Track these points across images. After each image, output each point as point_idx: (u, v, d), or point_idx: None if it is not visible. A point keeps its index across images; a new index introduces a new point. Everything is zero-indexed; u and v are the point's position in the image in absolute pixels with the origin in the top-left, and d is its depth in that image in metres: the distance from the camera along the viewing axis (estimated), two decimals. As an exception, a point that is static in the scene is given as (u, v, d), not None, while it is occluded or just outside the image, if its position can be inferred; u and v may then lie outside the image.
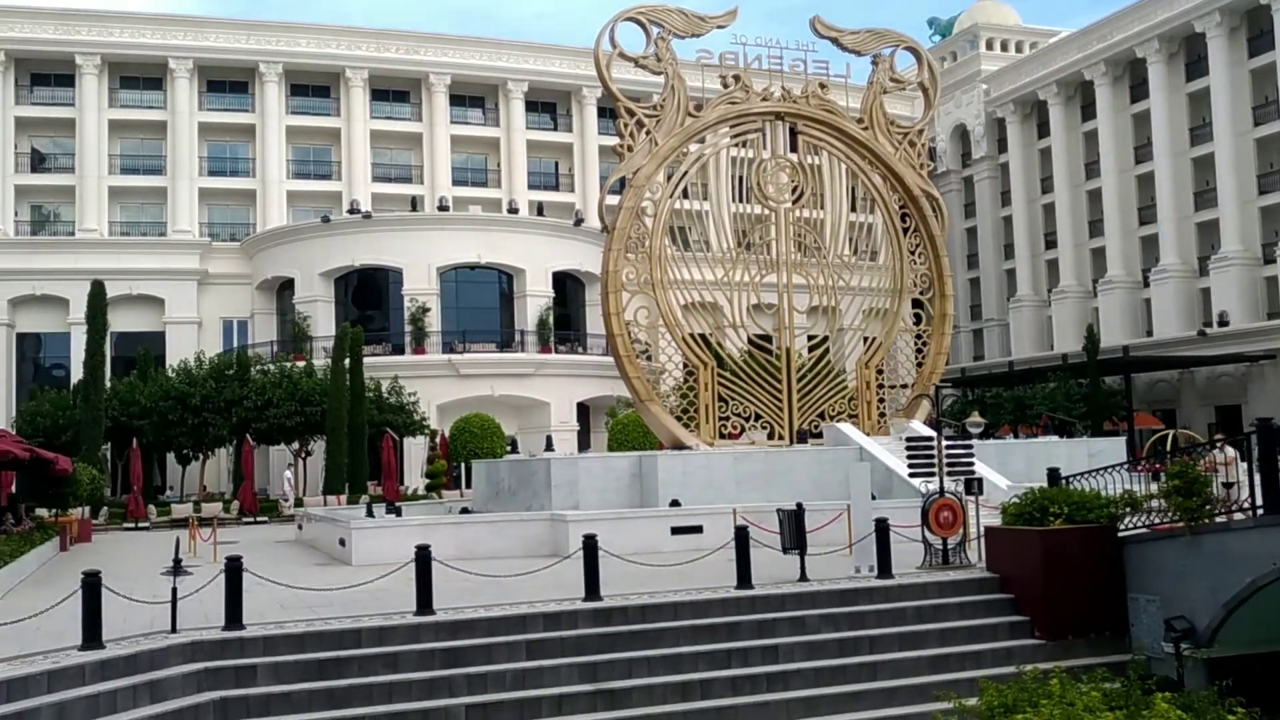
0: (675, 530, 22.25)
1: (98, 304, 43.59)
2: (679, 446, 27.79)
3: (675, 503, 24.20)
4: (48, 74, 61.09)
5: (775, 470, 25.99)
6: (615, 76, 29.14)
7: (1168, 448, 29.13)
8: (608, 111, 65.10)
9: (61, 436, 43.15)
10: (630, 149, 28.64)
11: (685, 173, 29.69)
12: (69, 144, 60.69)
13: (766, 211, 30.74)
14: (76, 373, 49.79)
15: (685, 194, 30.07)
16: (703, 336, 30.04)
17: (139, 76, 62.25)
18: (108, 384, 44.75)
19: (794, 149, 32.48)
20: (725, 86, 29.98)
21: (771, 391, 29.58)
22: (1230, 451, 19.22)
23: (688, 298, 29.55)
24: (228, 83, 63.66)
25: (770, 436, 29.51)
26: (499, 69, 66.03)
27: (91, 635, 12.74)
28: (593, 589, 15.48)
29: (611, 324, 28.12)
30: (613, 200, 30.60)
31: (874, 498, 20.71)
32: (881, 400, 31.07)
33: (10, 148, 59.44)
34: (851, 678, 14.82)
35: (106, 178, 60.39)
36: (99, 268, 53.21)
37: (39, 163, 61.65)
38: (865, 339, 32.45)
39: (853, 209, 34.00)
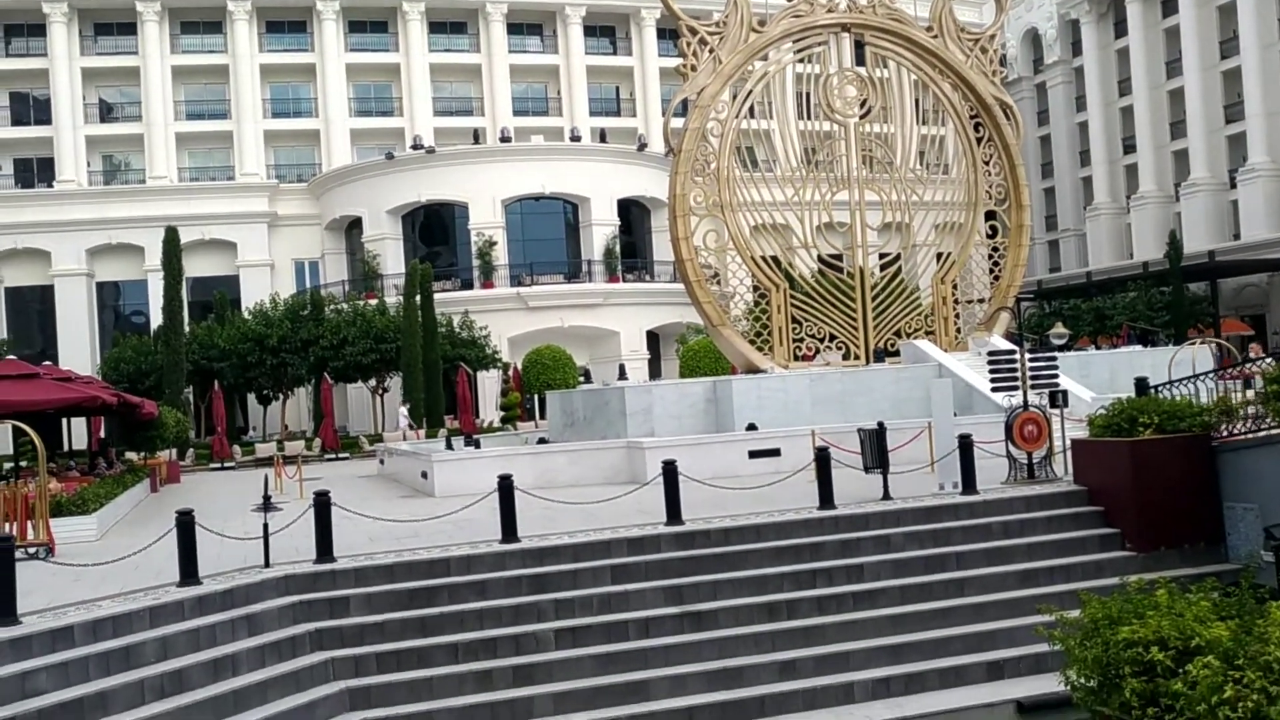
0: (753, 454, 22.16)
1: (172, 250, 44.31)
2: (753, 370, 27.60)
3: (752, 427, 24.08)
4: (110, 24, 61.53)
5: (852, 390, 25.72)
6: (672, -5, 28.53)
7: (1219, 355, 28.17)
8: (668, 32, 64.04)
9: (145, 381, 44.20)
10: (693, 69, 28.11)
11: (750, 91, 29.11)
12: (135, 93, 61.29)
13: (834, 127, 30.07)
14: (156, 319, 50.84)
15: (751, 113, 29.51)
16: (773, 258, 29.66)
17: (199, 21, 62.46)
18: (186, 328, 45.63)
19: (861, 62, 31.64)
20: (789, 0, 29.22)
21: (845, 311, 29.19)
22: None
23: (757, 219, 29.13)
24: (286, 23, 63.61)
25: (846, 357, 29.18)
26: (554, -4, 65.15)
27: (188, 572, 13.04)
28: (674, 513, 15.48)
29: (680, 249, 27.85)
30: (677, 123, 30.13)
31: (955, 414, 20.37)
32: (958, 316, 30.53)
33: (79, 99, 60.19)
34: (939, 594, 14.70)
35: (173, 124, 60.98)
36: (171, 214, 54.10)
37: (107, 113, 62.41)
38: (939, 254, 31.81)
39: (923, 121, 33.13)
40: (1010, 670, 13.68)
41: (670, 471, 15.64)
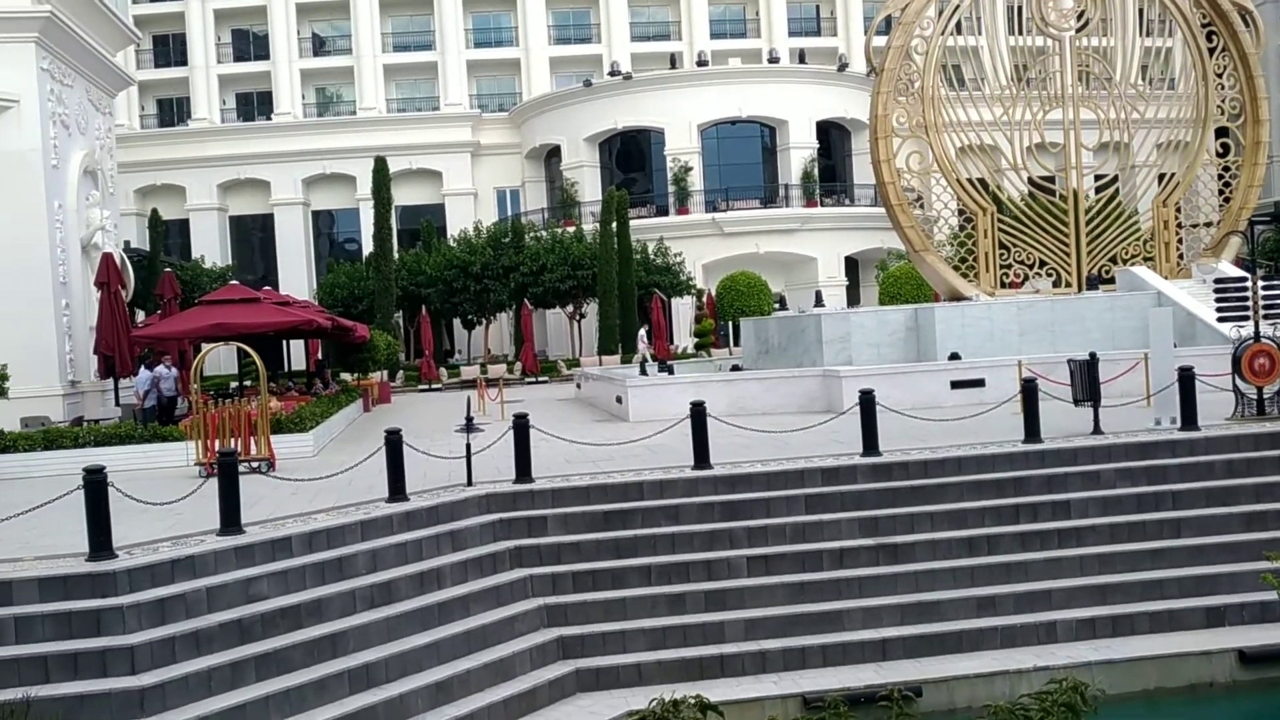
0: (955, 384, 21.47)
1: (381, 179, 45.99)
2: (956, 297, 26.65)
3: (954, 356, 23.30)
4: (323, -41, 63.78)
5: (1062, 319, 24.51)
6: (879, -95, 27.34)
7: None
8: (870, -53, 61.73)
9: (357, 306, 46.32)
10: (898, -17, 26.94)
11: (957, 6, 27.71)
12: (345, 26, 63.45)
13: (1048, 42, 28.36)
14: (367, 246, 53.06)
15: (958, 29, 28.12)
16: (980, 180, 28.39)
17: (405, -46, 64.01)
18: (395, 255, 47.44)
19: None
20: (1001, -95, 27.57)
21: (1057, 236, 27.75)
22: None
23: (963, 140, 27.90)
24: (487, -47, 64.45)
25: (1056, 284, 27.81)
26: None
27: (396, 489, 13.60)
28: (871, 444, 15.15)
29: (881, 172, 27.00)
30: (879, 41, 29.04)
31: (1175, 345, 19.14)
32: (1180, 241, 28.60)
33: (294, 34, 62.76)
34: (1151, 534, 13.94)
35: (381, 56, 62.90)
36: (380, 144, 56.09)
37: (320, 47, 64.91)
38: (1161, 175, 29.78)
39: (1146, 33, 30.85)
40: (1232, 617, 12.89)
41: (867, 401, 15.27)
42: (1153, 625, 12.82)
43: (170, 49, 63.33)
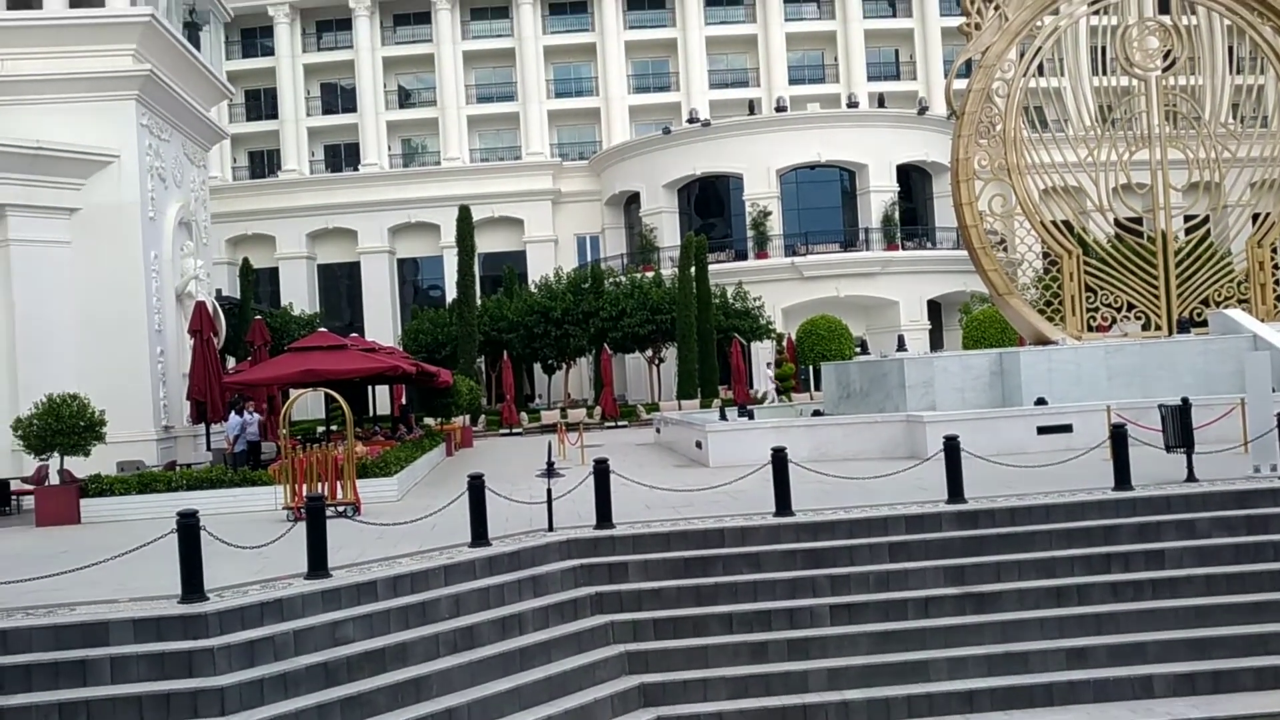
0: (1042, 430, 21.06)
1: (465, 228, 46.83)
2: (1042, 341, 26.20)
3: (1041, 401, 22.87)
4: (407, 14, 65.45)
5: (1153, 363, 23.94)
6: (958, -50, 27.32)
7: None
8: (949, -10, 61.65)
9: (441, 351, 47.00)
10: (977, 28, 26.84)
11: (1039, 48, 27.48)
12: (430, 79, 64.98)
13: (1134, 82, 27.95)
14: (450, 292, 53.94)
15: (1040, 71, 27.86)
16: (1065, 223, 27.97)
17: (487, 7, 65.42)
18: (478, 301, 48.12)
19: (1164, 10, 29.21)
20: (1083, -53, 27.35)
21: (1146, 278, 27.18)
22: None
23: (1046, 182, 27.54)
24: (568, 4, 65.61)
25: (1146, 327, 27.21)
26: (832, -41, 63.97)
27: (479, 533, 13.70)
28: (956, 491, 14.90)
29: (963, 215, 26.76)
30: (960, 84, 28.90)
31: (1274, 390, 18.57)
32: (1277, 283, 27.79)
33: (380, 87, 64.45)
34: (1251, 586, 13.44)
35: (464, 108, 64.25)
36: (463, 193, 57.23)
37: (405, 99, 66.52)
38: (1255, 215, 29.03)
39: (1237, 71, 30.24)
40: (1347, 677, 12.37)
41: (952, 447, 15.05)
42: (1258, 681, 12.34)
43: (262, 103, 65.43)
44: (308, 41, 65.52)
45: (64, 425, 20.70)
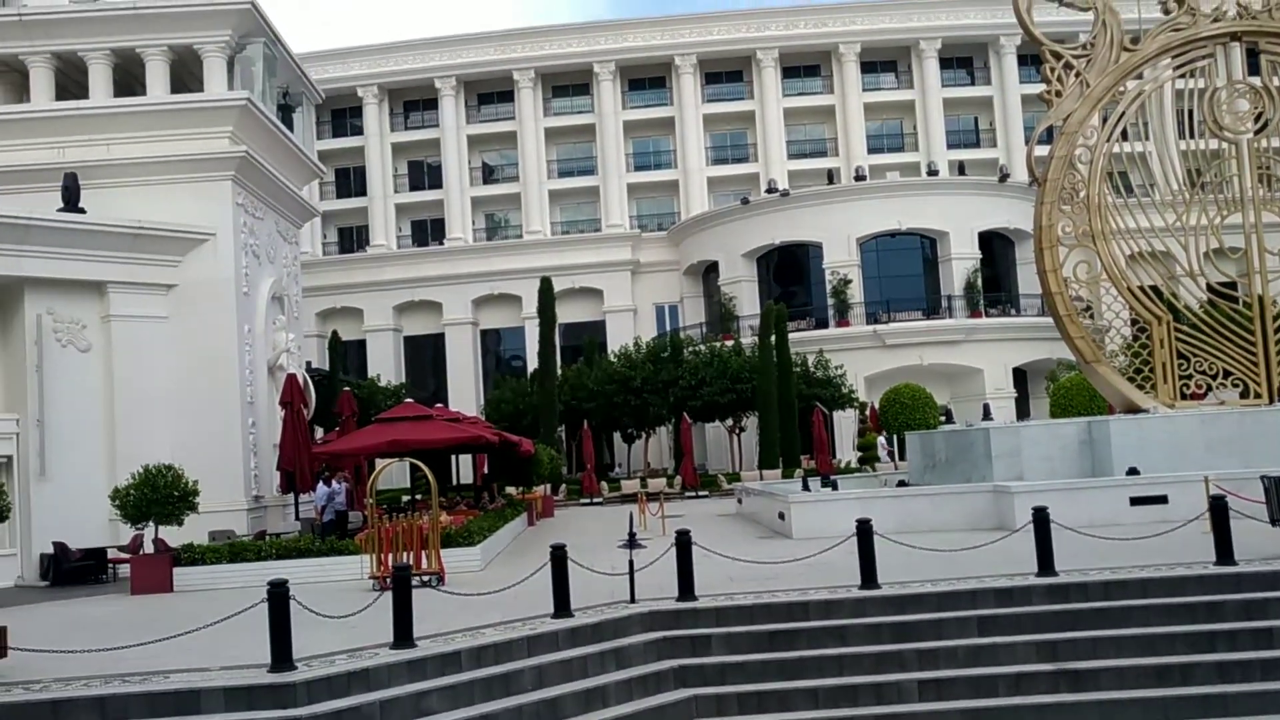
0: (1135, 501, 20.49)
1: (546, 299, 47.40)
2: (1132, 410, 25.59)
3: (1133, 471, 22.28)
4: (490, 92, 67.21)
5: (1253, 433, 23.21)
6: (1037, 20, 27.27)
7: None
8: (1029, 59, 61.56)
9: (522, 420, 47.35)
10: (1058, 94, 26.67)
11: (1123, 113, 27.19)
12: (512, 155, 66.43)
13: (1223, 145, 27.49)
14: (531, 362, 54.48)
15: (1124, 136, 27.55)
16: (1153, 288, 27.42)
17: (568, 85, 66.90)
18: (559, 371, 48.51)
19: (1254, 72, 28.77)
20: (1166, 13, 27.09)
21: (1243, 344, 26.45)
22: None
23: (1133, 247, 27.08)
24: (646, 80, 66.79)
25: (1244, 395, 26.41)
26: (910, 29, 64.33)
27: (561, 604, 13.70)
28: (1046, 564, 14.55)
29: (1048, 282, 26.38)
30: (1041, 151, 28.70)
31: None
32: (1384, 348, 26.83)
33: (465, 164, 66.03)
34: (1367, 668, 12.86)
35: (546, 182, 65.48)
36: (545, 265, 58.07)
37: (488, 175, 68.02)
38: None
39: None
40: None
41: (1041, 518, 14.72)
42: (1373, 767, 11.77)
43: (351, 180, 67.37)
44: (395, 121, 67.51)
45: (159, 495, 21.23)
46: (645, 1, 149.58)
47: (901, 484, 28.43)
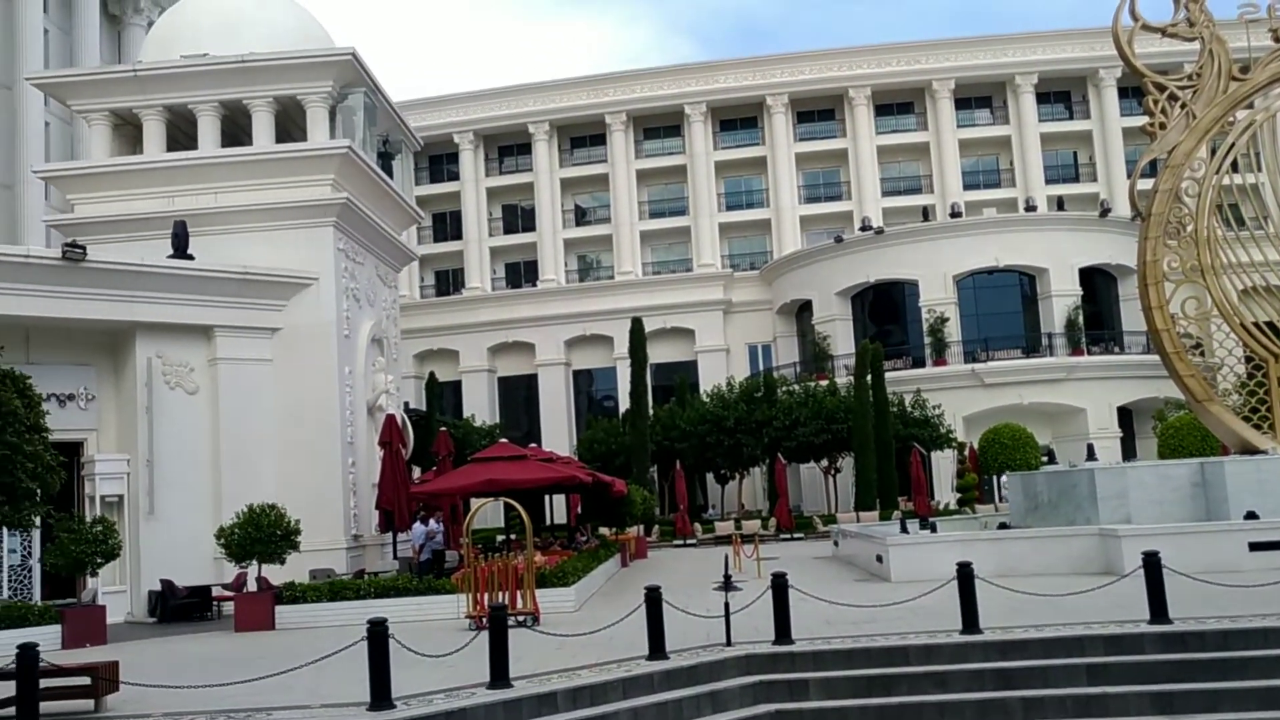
0: (1255, 546, 19.66)
1: (638, 339, 47.56)
2: (1248, 450, 24.64)
3: (1251, 515, 21.40)
4: (583, 136, 68.12)
5: (1377, 474, 22.18)
6: (1138, 51, 26.74)
7: None
8: (1130, 91, 60.37)
9: (614, 461, 47.41)
10: (1162, 127, 26.04)
11: (1233, 144, 26.42)
12: (604, 197, 67.13)
13: (1340, 175, 26.50)
14: (623, 402, 54.64)
15: (1234, 167, 26.75)
16: (1269, 324, 26.45)
17: (659, 126, 67.47)
18: (650, 411, 48.52)
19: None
20: (1277, 40, 26.35)
21: (1362, 382, 25.33)
22: None
23: (1245, 282, 26.19)
24: (738, 120, 67.05)
25: (1366, 434, 25.25)
26: (1005, 65, 63.62)
27: (656, 646, 13.60)
28: (1159, 610, 14.01)
29: (1154, 319, 25.63)
30: (1144, 184, 28.00)
31: None
32: None
33: (558, 207, 66.90)
34: None
35: (638, 224, 65.96)
36: (636, 306, 58.34)
37: (581, 217, 68.80)
38: None
39: None
40: None
41: (1153, 563, 14.21)
42: None
43: (447, 225, 68.73)
44: (490, 166, 68.79)
45: (262, 534, 21.70)
46: (736, 42, 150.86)
47: (1002, 526, 27.75)
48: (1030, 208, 58.45)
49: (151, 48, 33.14)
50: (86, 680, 12.80)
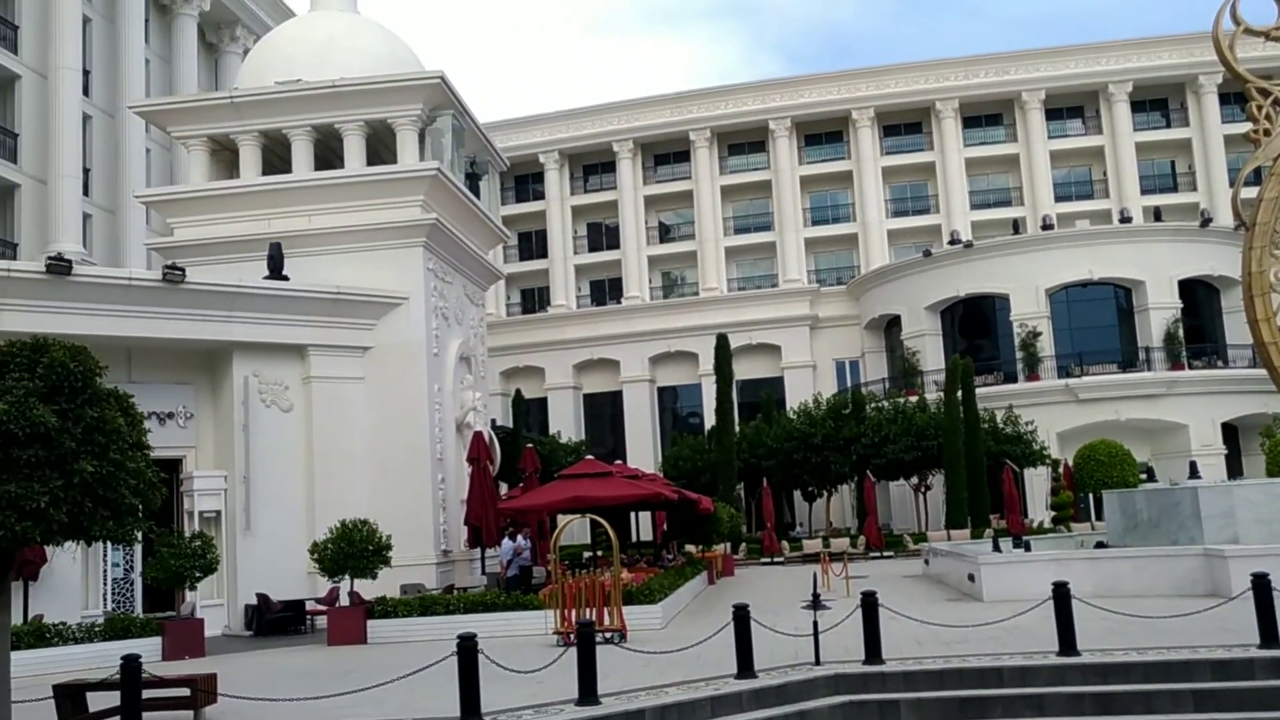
0: (1368, 567, 18.83)
1: (723, 355, 47.42)
2: (1360, 467, 23.66)
3: (1364, 534, 20.54)
4: (667, 154, 68.30)
5: None
6: (1240, 56, 25.94)
7: None
8: (1232, 97, 58.66)
9: (700, 478, 47.27)
10: (1267, 133, 25.17)
11: (1341, 149, 25.45)
12: (688, 213, 67.18)
13: None
14: (709, 419, 54.49)
15: (1342, 173, 25.76)
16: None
17: (743, 142, 67.36)
18: (737, 428, 48.30)
19: None
20: (1384, 41, 25.43)
21: None
22: None
23: (1355, 293, 25.18)
24: (823, 134, 66.65)
25: None
26: (1098, 74, 62.27)
27: (744, 665, 13.49)
28: (1270, 635, 13.49)
29: (1260, 331, 24.75)
30: (1249, 193, 27.14)
31: None
32: None
33: (642, 224, 67.13)
34: None
35: (722, 240, 65.85)
36: (721, 322, 58.21)
37: (665, 234, 68.93)
38: None
39: None
40: None
41: (1262, 585, 13.69)
42: None
43: (533, 243, 69.38)
44: (575, 184, 69.34)
45: (355, 549, 22.03)
46: (823, 58, 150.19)
47: (1100, 545, 27.01)
48: (1125, 219, 57.03)
49: (247, 74, 34.10)
50: (186, 691, 13.11)
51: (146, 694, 12.12)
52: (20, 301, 23.89)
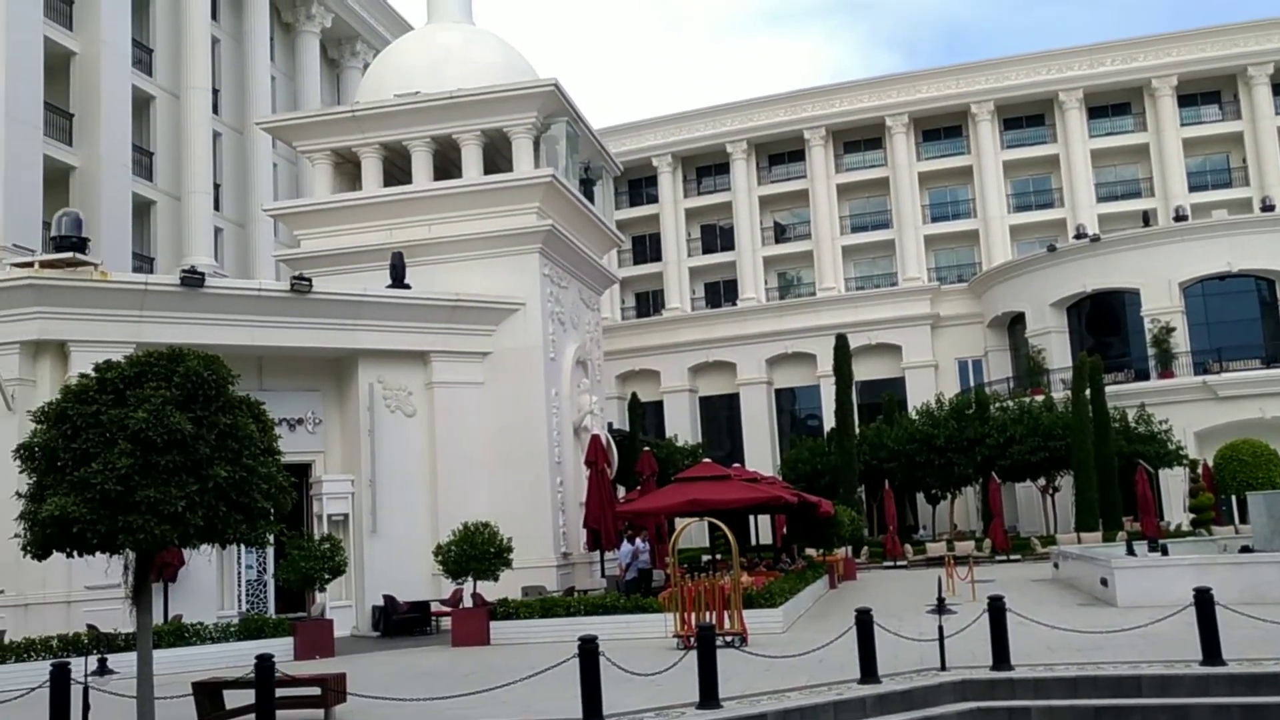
0: None
1: (842, 356, 46.81)
2: None
3: None
4: (781, 153, 67.74)
5: None
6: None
7: None
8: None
9: (819, 480, 46.73)
10: None
11: None
12: (804, 213, 66.50)
13: None
14: (828, 421, 53.89)
15: None
16: None
17: (859, 140, 66.44)
18: (857, 430, 47.63)
19: None
20: None
21: None
22: None
23: None
24: (941, 129, 65.32)
25: None
26: (1236, 56, 59.53)
27: (868, 669, 13.25)
28: None
29: None
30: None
31: None
32: None
33: (756, 225, 66.70)
34: None
35: (839, 239, 65.02)
36: (839, 322, 57.49)
37: (780, 234, 68.37)
38: None
39: None
40: None
41: None
42: None
43: (647, 247, 69.57)
44: (688, 187, 69.30)
45: (477, 551, 22.35)
46: (940, 52, 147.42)
47: (1244, 549, 25.83)
48: (1267, 207, 54.43)
49: (367, 88, 34.97)
50: (317, 690, 13.45)
51: (279, 692, 12.46)
52: (157, 313, 24.87)
